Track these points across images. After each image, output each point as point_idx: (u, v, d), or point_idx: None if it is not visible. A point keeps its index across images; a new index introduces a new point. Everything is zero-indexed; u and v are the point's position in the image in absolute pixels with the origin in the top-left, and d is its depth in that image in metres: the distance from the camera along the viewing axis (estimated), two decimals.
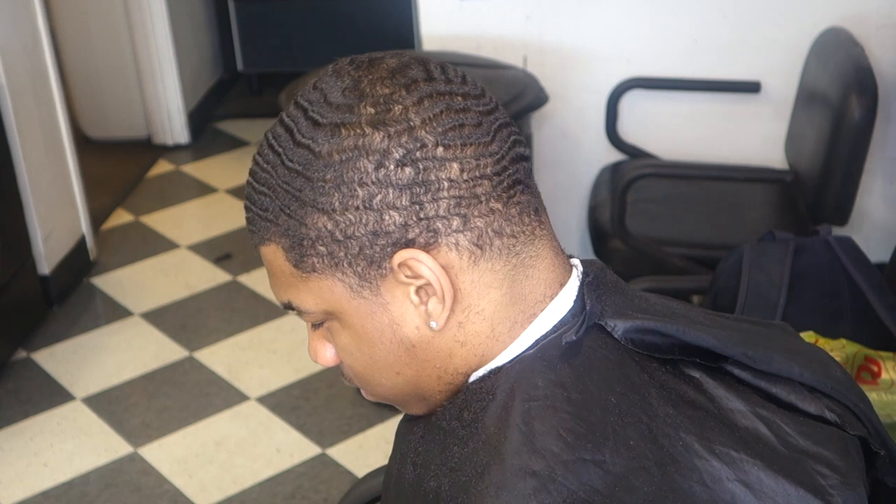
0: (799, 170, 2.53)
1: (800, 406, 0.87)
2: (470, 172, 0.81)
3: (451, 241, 0.82)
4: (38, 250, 3.10)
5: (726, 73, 2.77)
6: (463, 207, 0.81)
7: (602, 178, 2.76)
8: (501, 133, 0.84)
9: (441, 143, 0.81)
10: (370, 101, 0.81)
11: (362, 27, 4.49)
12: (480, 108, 0.83)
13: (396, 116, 0.81)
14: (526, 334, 0.86)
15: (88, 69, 4.22)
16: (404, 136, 0.80)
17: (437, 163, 0.80)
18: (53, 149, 3.24)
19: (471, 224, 0.82)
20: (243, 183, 3.93)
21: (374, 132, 0.80)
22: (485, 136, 0.82)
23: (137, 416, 2.75)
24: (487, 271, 0.83)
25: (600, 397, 0.81)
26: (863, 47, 2.41)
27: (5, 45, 2.95)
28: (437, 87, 0.83)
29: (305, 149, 0.82)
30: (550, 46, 2.80)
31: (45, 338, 3.08)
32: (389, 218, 0.81)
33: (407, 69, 0.84)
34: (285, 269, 0.86)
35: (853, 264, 1.72)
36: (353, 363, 0.90)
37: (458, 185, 0.81)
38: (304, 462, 2.54)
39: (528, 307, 0.85)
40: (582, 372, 0.82)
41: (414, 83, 0.82)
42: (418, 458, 0.89)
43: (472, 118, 0.82)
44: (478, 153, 0.82)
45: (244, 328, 3.09)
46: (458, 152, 0.81)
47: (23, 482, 2.54)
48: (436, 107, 0.81)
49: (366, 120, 0.81)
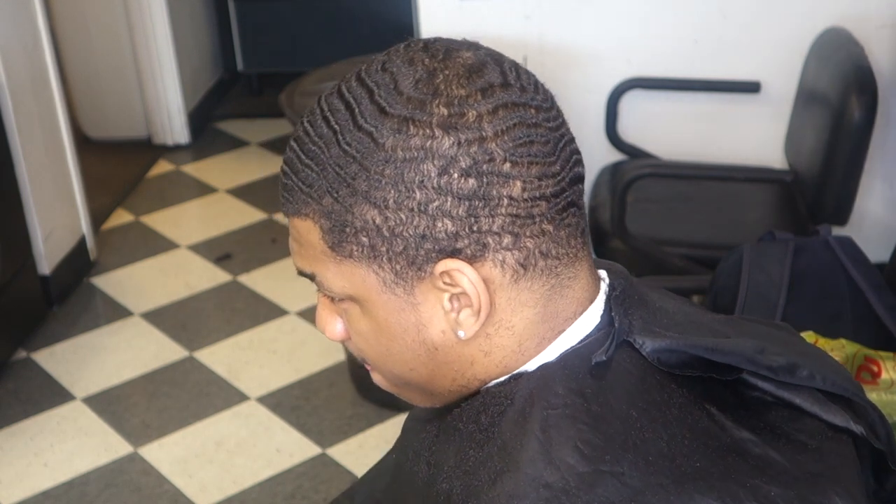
0: (799, 170, 2.53)
1: (823, 417, 0.85)
2: (531, 192, 0.79)
3: (499, 257, 0.80)
4: (39, 250, 3.10)
5: (726, 73, 2.77)
6: (517, 226, 0.79)
7: (602, 178, 2.76)
8: (565, 152, 0.82)
9: (509, 159, 0.78)
10: (444, 100, 0.78)
11: (362, 27, 4.49)
12: (550, 125, 0.81)
13: (469, 123, 0.78)
14: (551, 348, 0.84)
15: (88, 69, 4.22)
16: (474, 145, 0.77)
17: (502, 178, 0.78)
18: (53, 149, 3.24)
19: (521, 243, 0.80)
20: (243, 183, 3.91)
21: (444, 136, 0.77)
22: (550, 156, 0.80)
23: (137, 416, 2.76)
24: (525, 290, 0.82)
25: (622, 411, 0.80)
26: (863, 47, 2.41)
27: (5, 45, 2.95)
28: (513, 97, 0.79)
29: (367, 135, 0.78)
30: (550, 46, 2.80)
31: (45, 338, 3.08)
32: (442, 225, 0.78)
33: (483, 69, 0.80)
34: (318, 246, 0.83)
35: (853, 264, 1.72)
36: (366, 349, 0.88)
37: (516, 204, 0.79)
38: (304, 462, 2.54)
39: (557, 324, 0.84)
40: (605, 385, 0.81)
41: (490, 88, 0.79)
42: (432, 457, 0.88)
43: (542, 135, 0.80)
44: (541, 173, 0.79)
45: (244, 328, 3.09)
46: (524, 170, 0.79)
47: (23, 482, 2.54)
48: (510, 119, 0.78)
49: (437, 121, 0.77)
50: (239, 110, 4.71)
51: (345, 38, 4.50)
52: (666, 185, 2.74)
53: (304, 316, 3.09)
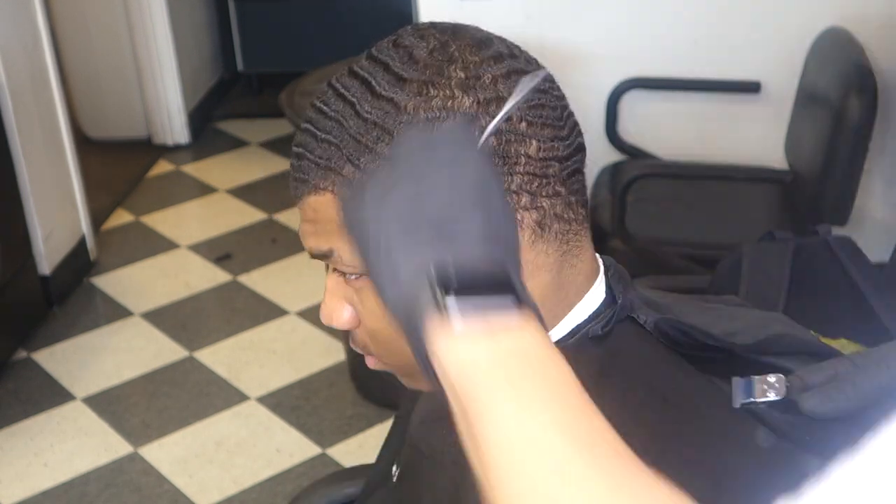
0: (798, 170, 2.53)
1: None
2: (545, 152, 0.82)
3: (517, 217, 0.82)
4: (39, 250, 3.10)
5: (726, 73, 2.77)
6: (534, 185, 0.82)
7: (602, 178, 2.76)
8: (570, 120, 0.86)
9: (525, 119, 0.81)
10: (460, 65, 0.81)
11: (362, 27, 4.48)
12: (556, 93, 0.85)
13: (486, 84, 0.81)
14: (564, 323, 0.86)
15: (88, 69, 4.22)
16: (493, 104, 0.80)
17: (519, 137, 0.81)
18: (53, 149, 3.24)
19: (537, 203, 0.82)
20: (243, 183, 3.91)
21: (464, 96, 0.80)
22: (559, 121, 0.84)
23: (137, 416, 2.75)
24: (542, 253, 0.84)
25: (643, 379, 0.84)
26: (863, 47, 2.41)
27: (5, 45, 2.95)
28: (521, 65, 0.84)
29: (388, 101, 0.80)
30: (550, 46, 2.80)
31: (45, 338, 3.08)
32: None
33: (491, 42, 0.85)
34: (336, 218, 0.82)
35: (853, 264, 1.72)
36: (379, 328, 0.86)
37: (533, 163, 0.82)
38: (304, 462, 2.54)
39: (568, 296, 0.86)
40: (619, 360, 0.85)
41: (500, 56, 0.83)
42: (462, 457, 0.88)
43: (551, 100, 0.84)
44: (553, 135, 0.83)
45: (244, 328, 3.09)
46: (538, 130, 0.82)
47: (23, 482, 2.54)
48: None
49: (456, 83, 0.80)
50: (239, 110, 4.71)
51: (345, 38, 4.49)
52: (666, 185, 2.74)
53: (304, 316, 3.09)
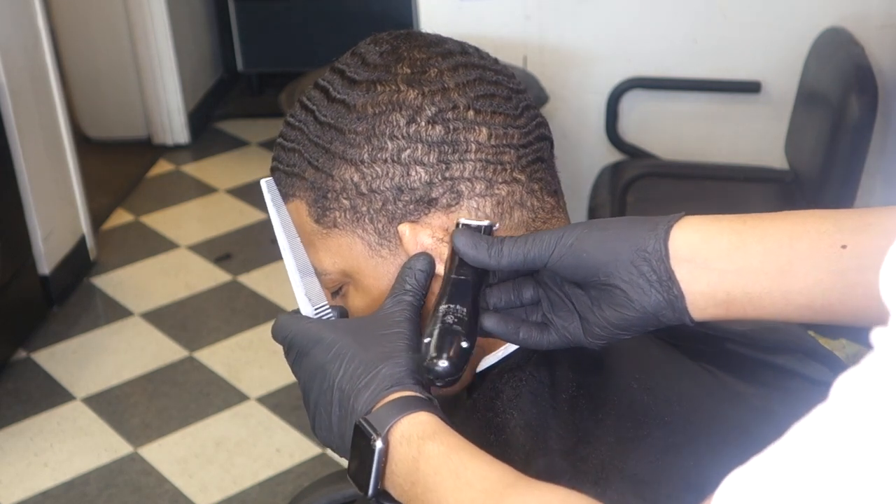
0: (799, 170, 2.53)
1: (800, 371, 0.89)
2: (497, 139, 0.84)
3: (473, 204, 0.83)
4: (38, 250, 3.10)
5: (726, 73, 2.77)
6: (488, 172, 0.83)
7: (602, 178, 2.76)
8: (529, 112, 0.87)
9: (472, 107, 0.83)
10: (407, 62, 0.85)
11: (362, 27, 4.45)
12: (511, 86, 0.87)
13: (431, 78, 0.84)
14: None
15: (88, 69, 4.22)
16: (437, 95, 0.83)
17: (467, 125, 0.83)
18: (53, 149, 3.24)
19: (494, 190, 0.83)
20: (243, 183, 3.91)
21: (408, 89, 0.83)
22: (514, 110, 0.85)
23: (137, 416, 2.75)
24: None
25: (630, 372, 0.84)
26: (863, 47, 2.41)
27: (5, 45, 2.95)
28: (472, 60, 0.86)
29: (340, 104, 0.84)
30: (550, 46, 2.80)
31: (45, 338, 3.08)
32: (416, 174, 0.82)
33: (443, 42, 0.88)
34: (307, 226, 0.87)
35: None
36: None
37: (485, 149, 0.83)
38: (304, 462, 2.54)
39: None
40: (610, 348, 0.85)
41: (450, 53, 0.86)
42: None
43: (503, 91, 0.86)
44: (506, 123, 0.84)
45: (244, 328, 3.09)
46: (488, 118, 0.84)
47: (23, 482, 2.54)
48: (469, 74, 0.84)
49: (402, 78, 0.84)
50: (239, 110, 4.71)
51: (345, 38, 4.43)
52: (666, 185, 2.74)
53: None
